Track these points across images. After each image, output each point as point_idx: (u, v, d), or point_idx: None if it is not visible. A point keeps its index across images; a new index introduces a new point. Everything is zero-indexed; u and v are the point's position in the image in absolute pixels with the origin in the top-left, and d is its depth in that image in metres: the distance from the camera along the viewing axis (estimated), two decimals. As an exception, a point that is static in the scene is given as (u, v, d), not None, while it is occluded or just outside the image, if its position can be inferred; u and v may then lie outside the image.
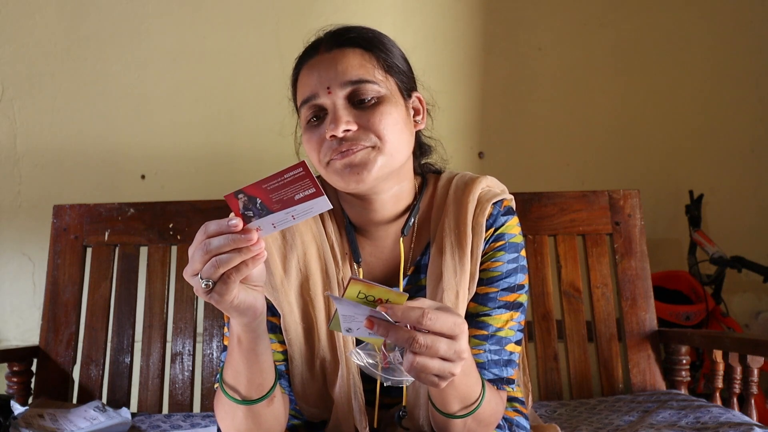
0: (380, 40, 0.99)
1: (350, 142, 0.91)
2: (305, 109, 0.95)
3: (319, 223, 1.03)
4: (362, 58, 0.94)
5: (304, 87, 0.96)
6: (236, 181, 2.09)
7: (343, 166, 0.91)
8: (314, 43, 0.99)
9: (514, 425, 1.04)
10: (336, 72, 0.92)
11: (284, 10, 2.12)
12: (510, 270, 1.00)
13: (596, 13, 2.21)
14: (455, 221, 1.01)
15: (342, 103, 0.92)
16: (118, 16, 2.10)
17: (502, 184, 1.09)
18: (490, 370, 0.97)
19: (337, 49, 0.95)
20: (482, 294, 1.00)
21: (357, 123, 0.91)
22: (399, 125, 0.94)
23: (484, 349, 0.97)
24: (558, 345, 1.59)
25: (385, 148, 0.92)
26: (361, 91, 0.92)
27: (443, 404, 0.88)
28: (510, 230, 1.02)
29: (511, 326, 0.99)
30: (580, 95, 2.20)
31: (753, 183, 2.25)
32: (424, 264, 1.03)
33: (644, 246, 1.62)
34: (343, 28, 0.99)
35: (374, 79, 0.93)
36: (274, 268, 0.98)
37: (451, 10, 2.17)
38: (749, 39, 2.24)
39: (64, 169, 2.08)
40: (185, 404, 1.58)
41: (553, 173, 2.18)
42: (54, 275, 1.64)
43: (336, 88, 0.92)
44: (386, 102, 0.93)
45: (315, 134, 0.94)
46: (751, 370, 1.38)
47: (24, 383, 1.57)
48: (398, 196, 1.01)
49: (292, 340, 1.00)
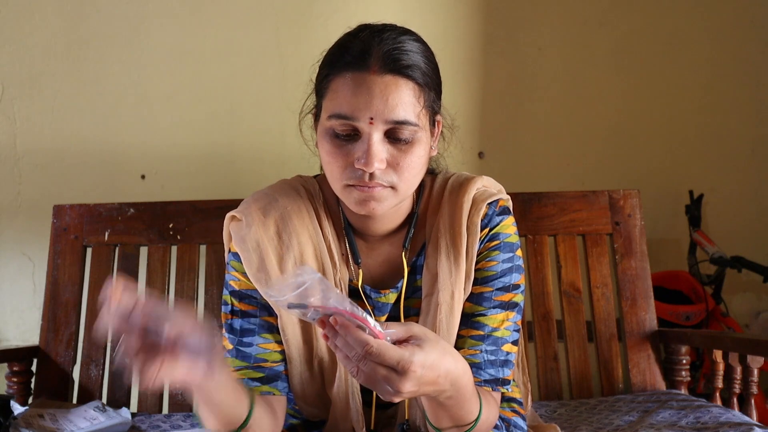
0: (433, 70, 0.94)
1: (376, 180, 0.89)
2: (335, 120, 0.89)
3: (316, 223, 1.02)
4: (413, 97, 0.89)
5: (341, 98, 0.89)
6: (236, 181, 2.10)
7: (360, 198, 0.91)
8: (362, 51, 0.89)
9: (511, 425, 1.04)
10: (385, 106, 0.87)
11: (284, 10, 2.12)
12: (505, 270, 1.00)
13: (596, 13, 2.20)
14: (450, 222, 1.01)
15: (379, 137, 0.88)
16: (118, 16, 2.10)
17: (498, 184, 1.09)
18: (486, 371, 0.97)
19: (391, 77, 0.88)
20: (477, 294, 1.00)
21: (388, 162, 0.90)
22: (421, 165, 0.93)
23: (480, 349, 0.97)
24: (558, 345, 1.59)
25: (402, 190, 0.92)
26: (401, 130, 0.89)
27: (436, 421, 0.89)
28: (505, 230, 1.02)
29: (507, 326, 0.99)
30: (580, 95, 2.20)
31: (753, 183, 2.24)
32: (420, 265, 1.03)
33: (644, 246, 1.62)
34: (403, 47, 0.91)
35: (417, 121, 0.89)
36: (271, 269, 0.98)
37: (451, 10, 2.17)
38: (749, 39, 2.24)
39: (64, 169, 2.08)
40: (185, 404, 1.58)
41: (553, 173, 2.18)
42: (54, 275, 1.64)
43: (379, 122, 0.87)
44: (419, 143, 0.91)
45: (342, 151, 0.90)
46: (751, 370, 1.38)
47: (24, 383, 1.57)
48: (397, 208, 1.01)
49: (290, 340, 1.00)
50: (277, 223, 1.01)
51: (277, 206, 1.02)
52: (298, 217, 1.01)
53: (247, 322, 1.01)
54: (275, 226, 1.00)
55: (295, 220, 1.01)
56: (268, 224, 1.00)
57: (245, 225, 1.00)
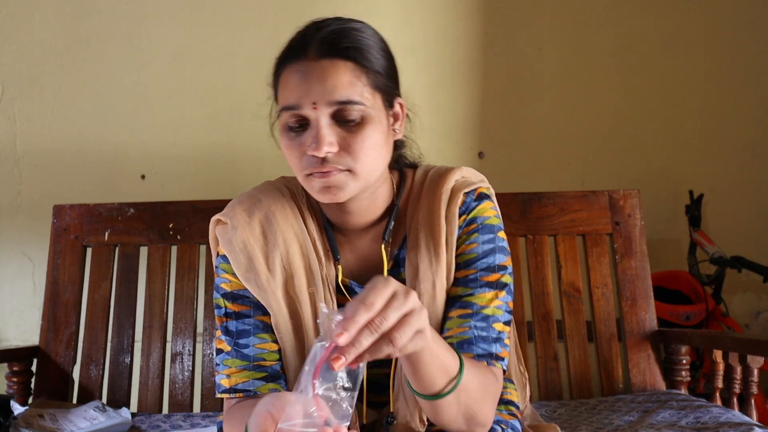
0: (374, 49, 0.95)
1: (330, 164, 0.90)
2: (288, 114, 0.92)
3: (300, 221, 1.03)
4: (353, 75, 0.90)
5: (287, 91, 0.93)
6: (236, 181, 2.10)
7: (320, 186, 0.92)
8: (302, 42, 0.94)
9: (509, 428, 1.04)
10: (324, 88, 0.89)
11: (284, 10, 2.12)
12: (487, 251, 1.00)
13: (596, 13, 2.20)
14: (428, 213, 1.01)
15: (326, 121, 0.90)
16: (118, 16, 2.10)
17: (480, 174, 1.08)
18: (478, 345, 0.95)
19: (327, 60, 0.90)
20: (462, 277, 0.99)
21: (339, 144, 0.90)
22: (378, 146, 0.93)
23: (469, 325, 0.96)
24: (558, 345, 1.59)
25: (361, 173, 0.92)
26: (347, 111, 0.90)
27: (429, 384, 0.84)
28: (483, 213, 1.02)
29: (497, 305, 0.98)
30: (580, 95, 2.20)
31: (753, 183, 2.24)
32: (402, 257, 1.03)
33: (644, 246, 1.62)
34: (338, 30, 0.94)
35: (362, 100, 0.90)
36: (259, 268, 0.99)
37: (451, 10, 2.17)
38: (749, 39, 2.24)
39: (64, 169, 2.08)
40: (185, 404, 1.58)
41: (553, 173, 2.18)
42: (54, 275, 1.64)
43: (322, 105, 0.89)
44: (369, 122, 0.91)
45: (296, 143, 0.93)
46: (751, 370, 1.38)
47: (24, 383, 1.57)
48: (373, 198, 1.01)
49: (284, 337, 1.00)
50: (262, 223, 1.02)
51: (261, 206, 1.03)
52: (283, 216, 1.02)
53: (242, 323, 1.01)
54: (260, 226, 1.01)
55: (280, 219, 1.02)
56: (253, 225, 1.01)
57: (231, 227, 1.01)
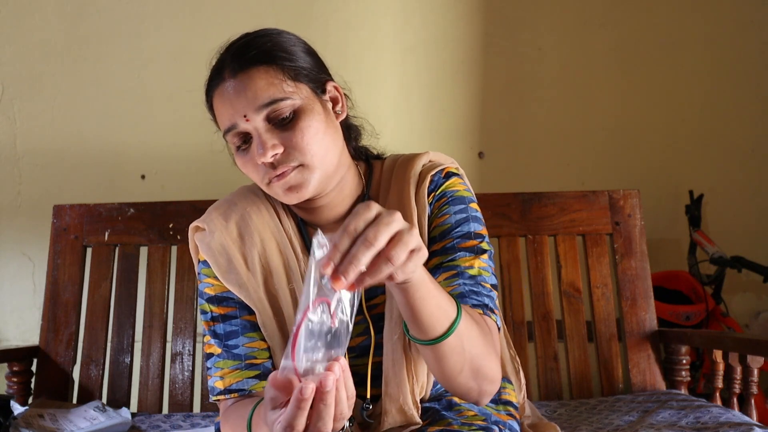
0: (281, 46, 0.97)
1: (282, 165, 0.92)
2: (230, 137, 0.96)
3: (276, 220, 1.04)
4: (268, 75, 0.93)
5: (221, 116, 0.96)
6: (236, 180, 2.10)
7: (281, 188, 0.94)
8: (218, 66, 0.98)
9: (506, 428, 1.04)
10: (247, 99, 0.92)
11: (284, 10, 2.12)
12: (460, 220, 1.00)
13: (596, 13, 2.20)
14: (398, 197, 1.02)
15: (263, 126, 0.93)
16: (118, 16, 2.10)
17: (450, 158, 1.09)
18: (470, 298, 0.94)
19: (241, 73, 0.93)
20: (440, 248, 0.99)
21: (282, 144, 0.92)
22: (320, 133, 0.94)
23: (458, 283, 0.95)
24: (558, 345, 1.59)
25: (313, 163, 0.93)
26: (277, 110, 0.92)
27: (429, 325, 0.81)
28: (452, 187, 1.03)
29: (481, 267, 0.97)
30: (580, 95, 2.20)
31: (753, 183, 2.24)
32: None
33: (644, 246, 1.62)
34: (242, 44, 0.96)
35: (286, 95, 0.92)
36: (239, 267, 1.00)
37: (451, 10, 2.17)
38: (749, 39, 2.24)
39: (64, 169, 2.08)
40: (185, 404, 1.58)
41: (553, 173, 2.18)
42: (54, 275, 1.64)
43: (252, 114, 0.92)
44: (303, 113, 0.93)
45: (247, 158, 0.96)
46: (751, 370, 1.38)
47: (24, 383, 1.57)
48: (340, 188, 1.02)
49: (271, 335, 1.01)
50: (239, 224, 1.03)
51: (236, 209, 1.05)
52: (258, 216, 1.04)
53: (229, 324, 1.02)
54: (237, 228, 1.03)
55: (256, 219, 1.03)
56: (230, 227, 1.03)
57: (209, 232, 1.03)
